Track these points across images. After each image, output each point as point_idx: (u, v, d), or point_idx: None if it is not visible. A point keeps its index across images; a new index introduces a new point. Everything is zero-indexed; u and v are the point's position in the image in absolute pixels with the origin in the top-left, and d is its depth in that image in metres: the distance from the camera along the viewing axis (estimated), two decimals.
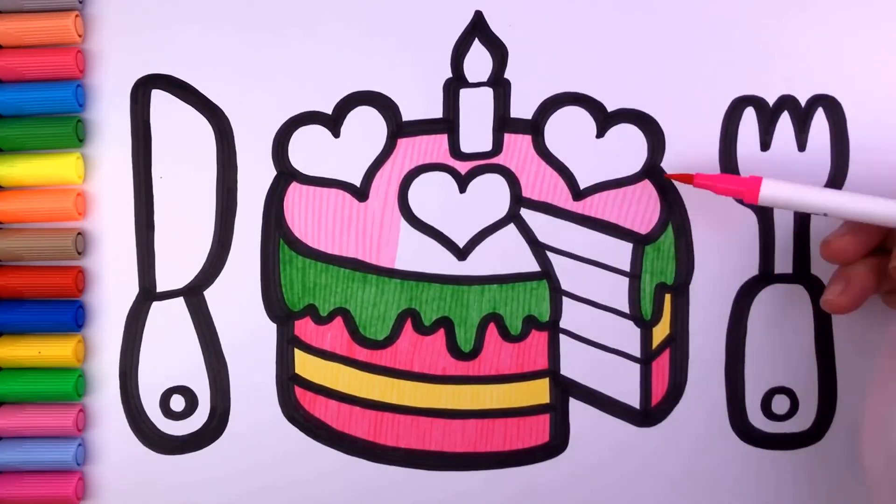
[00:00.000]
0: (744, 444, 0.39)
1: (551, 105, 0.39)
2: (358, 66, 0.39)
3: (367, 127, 0.39)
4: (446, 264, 0.39)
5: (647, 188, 0.39)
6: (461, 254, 0.39)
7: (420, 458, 0.40)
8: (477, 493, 0.40)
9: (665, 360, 0.39)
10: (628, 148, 0.39)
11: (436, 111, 0.39)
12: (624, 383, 0.39)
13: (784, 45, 0.39)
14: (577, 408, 0.40)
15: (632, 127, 0.39)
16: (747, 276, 0.39)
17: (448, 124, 0.39)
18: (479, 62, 0.39)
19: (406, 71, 0.39)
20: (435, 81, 0.39)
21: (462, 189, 0.39)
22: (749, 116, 0.39)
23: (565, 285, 0.39)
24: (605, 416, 0.40)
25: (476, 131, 0.39)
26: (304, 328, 0.40)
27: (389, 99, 0.39)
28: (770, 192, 0.35)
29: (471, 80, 0.39)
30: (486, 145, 0.39)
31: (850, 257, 0.35)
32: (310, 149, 0.40)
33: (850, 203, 0.34)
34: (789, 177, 0.37)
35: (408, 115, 0.39)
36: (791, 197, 0.35)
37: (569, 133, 0.39)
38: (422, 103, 0.39)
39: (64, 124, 0.39)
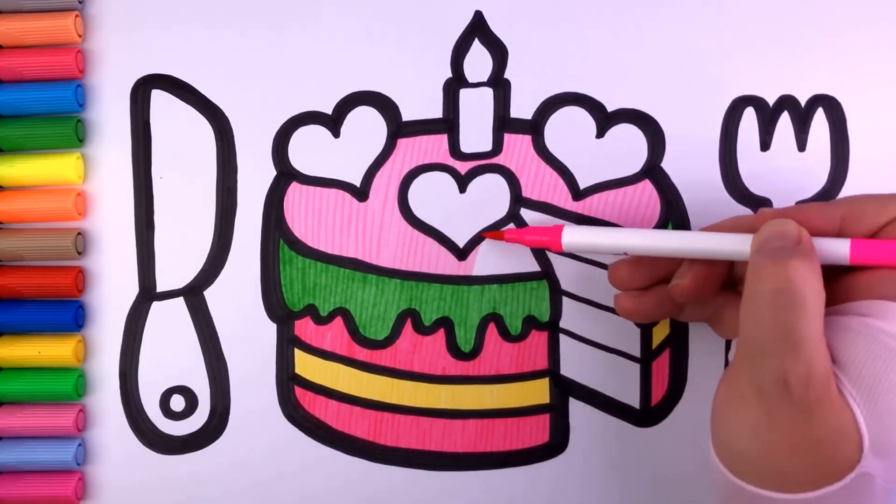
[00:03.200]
0: None
1: (551, 105, 0.39)
2: (358, 66, 0.39)
3: (367, 127, 0.39)
4: (446, 264, 0.39)
5: (647, 188, 0.39)
6: (461, 254, 0.39)
7: (420, 458, 0.40)
8: (477, 492, 0.40)
9: (665, 360, 0.39)
10: (628, 148, 0.39)
11: (436, 111, 0.39)
12: (624, 383, 0.39)
13: (784, 45, 0.39)
14: (577, 408, 0.40)
15: (632, 127, 0.39)
16: None
17: (448, 124, 0.39)
18: (479, 62, 0.39)
19: (406, 71, 0.39)
20: (435, 81, 0.39)
21: (462, 189, 0.39)
22: (749, 116, 0.39)
23: (565, 285, 0.39)
24: (605, 416, 0.40)
25: (476, 131, 0.39)
26: (304, 328, 0.40)
27: (389, 99, 0.39)
28: (571, 238, 0.36)
29: (471, 80, 0.39)
30: (486, 145, 0.39)
31: (627, 283, 0.36)
32: (310, 149, 0.40)
33: (644, 240, 0.35)
34: (789, 176, 0.37)
35: (408, 115, 0.39)
36: (589, 240, 0.36)
37: (569, 133, 0.39)
38: (422, 103, 0.39)
39: (64, 124, 0.39)
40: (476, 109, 0.39)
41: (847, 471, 0.28)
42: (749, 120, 0.39)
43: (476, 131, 0.39)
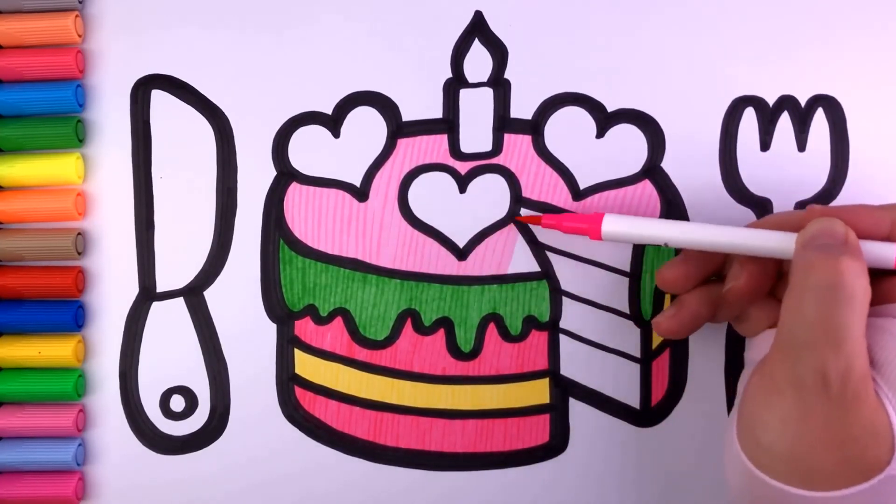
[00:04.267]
0: None
1: (551, 105, 0.39)
2: (358, 66, 0.39)
3: (367, 127, 0.39)
4: (446, 264, 0.39)
5: (647, 188, 0.39)
6: (461, 254, 0.39)
7: (420, 458, 0.40)
8: (477, 493, 0.40)
9: (665, 360, 0.39)
10: (628, 148, 0.39)
11: (436, 111, 0.39)
12: (624, 383, 0.39)
13: (784, 45, 0.39)
14: (577, 408, 0.40)
15: (632, 127, 0.39)
16: None
17: (448, 124, 0.39)
18: (479, 62, 0.39)
19: (406, 71, 0.39)
20: (435, 81, 0.39)
21: (462, 189, 0.39)
22: (749, 116, 0.39)
23: (565, 285, 0.39)
24: (605, 416, 0.40)
25: (476, 131, 0.39)
26: (304, 328, 0.40)
27: (389, 99, 0.39)
28: (611, 227, 0.36)
29: (471, 80, 0.39)
30: (486, 145, 0.39)
31: (683, 286, 0.36)
32: (310, 149, 0.40)
33: (688, 232, 0.35)
34: (790, 176, 0.37)
35: (408, 115, 0.39)
36: (631, 230, 0.36)
37: (569, 133, 0.39)
38: (422, 103, 0.39)
39: (64, 124, 0.39)
40: (476, 109, 0.39)
41: (876, 472, 0.28)
42: (749, 120, 0.39)
43: (476, 131, 0.39)
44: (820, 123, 0.39)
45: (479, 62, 0.39)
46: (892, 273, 0.31)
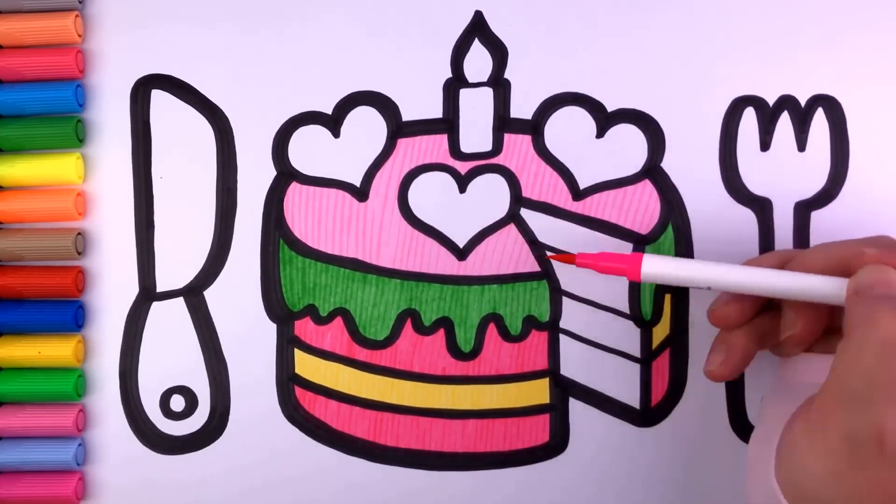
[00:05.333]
0: (744, 444, 0.39)
1: (551, 105, 0.39)
2: (358, 66, 0.39)
3: (367, 127, 0.39)
4: (446, 264, 0.39)
5: (647, 188, 0.39)
6: (461, 254, 0.39)
7: (420, 458, 0.40)
8: (477, 493, 0.40)
9: (665, 360, 0.39)
10: (628, 148, 0.39)
11: (436, 111, 0.39)
12: (624, 383, 0.39)
13: (784, 45, 0.39)
14: (577, 408, 0.40)
15: (632, 127, 0.39)
16: None
17: (448, 124, 0.39)
18: (479, 62, 0.39)
19: (406, 71, 0.39)
20: (435, 81, 0.39)
21: (462, 189, 0.39)
22: (749, 116, 0.39)
23: (565, 285, 0.39)
24: (605, 416, 0.40)
25: (476, 131, 0.39)
26: (304, 328, 0.40)
27: (389, 99, 0.39)
28: (651, 268, 0.35)
29: (471, 80, 0.39)
30: (486, 145, 0.39)
31: (735, 323, 0.35)
32: (310, 149, 0.40)
33: (731, 276, 0.34)
34: (789, 176, 0.37)
35: (408, 115, 0.39)
36: (671, 272, 0.35)
37: (569, 133, 0.39)
38: (422, 103, 0.39)
39: (64, 124, 0.39)
40: (476, 109, 0.39)
41: None
42: (749, 120, 0.39)
43: (476, 131, 0.39)
44: (820, 123, 0.39)
45: (479, 62, 0.39)
46: None
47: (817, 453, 0.29)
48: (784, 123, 0.39)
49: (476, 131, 0.39)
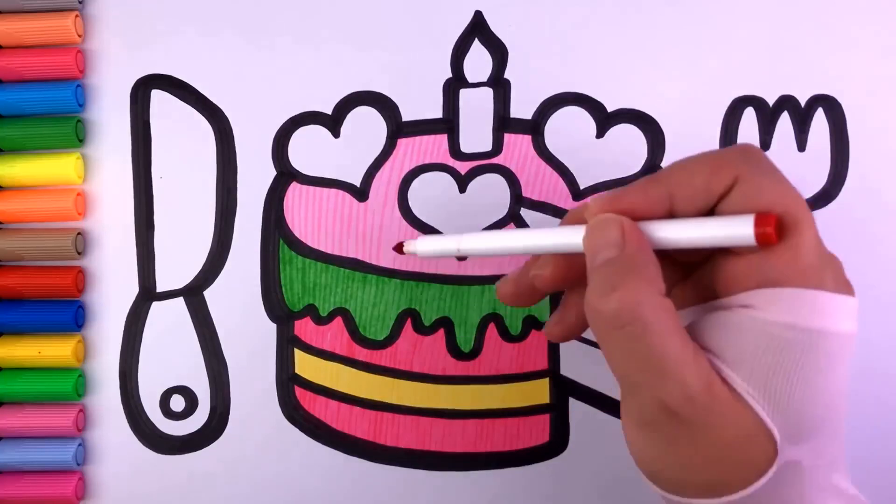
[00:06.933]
0: None
1: (551, 105, 0.39)
2: (358, 66, 0.39)
3: (367, 127, 0.39)
4: (446, 264, 0.39)
5: None
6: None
7: (420, 458, 0.40)
8: (477, 493, 0.40)
9: None
10: (628, 148, 0.39)
11: (436, 111, 0.39)
12: None
13: (784, 45, 0.39)
14: (577, 408, 0.40)
15: (632, 127, 0.39)
16: None
17: (448, 124, 0.39)
18: (479, 62, 0.39)
19: (406, 71, 0.39)
20: (435, 81, 0.39)
21: (462, 189, 0.39)
22: (749, 116, 0.39)
23: None
24: (605, 416, 0.40)
25: (476, 131, 0.39)
26: (304, 328, 0.40)
27: (389, 99, 0.39)
28: (413, 247, 0.32)
29: (471, 80, 0.39)
30: (486, 145, 0.39)
31: (514, 297, 0.33)
32: (310, 149, 0.40)
33: (478, 242, 0.31)
34: (790, 176, 0.37)
35: (408, 115, 0.39)
36: (434, 247, 0.32)
37: (569, 133, 0.39)
38: (422, 103, 0.39)
39: (64, 124, 0.39)
40: (476, 109, 0.39)
41: (766, 466, 0.27)
42: (749, 120, 0.39)
43: (476, 131, 0.39)
44: (820, 123, 0.39)
45: (479, 62, 0.39)
46: (723, 258, 0.29)
47: (640, 441, 0.29)
48: (784, 123, 0.39)
49: (476, 131, 0.39)
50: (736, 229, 0.27)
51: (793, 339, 0.27)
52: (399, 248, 0.34)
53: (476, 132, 0.39)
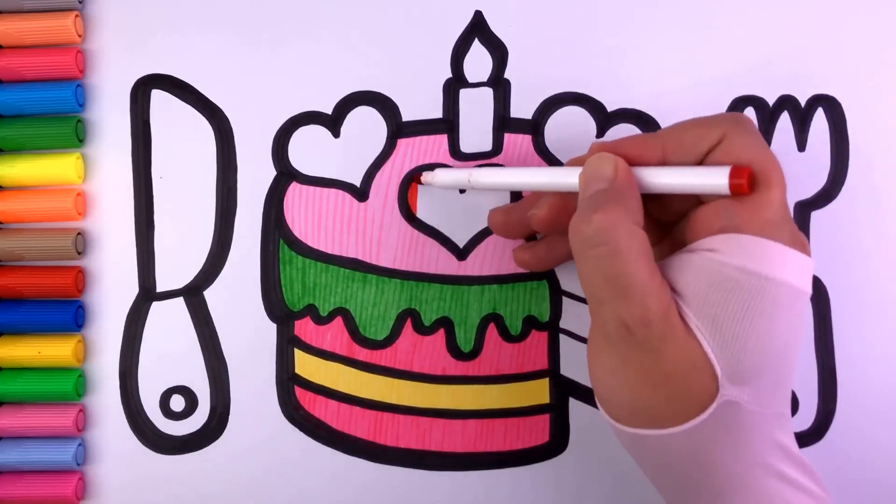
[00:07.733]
0: None
1: (551, 105, 0.39)
2: (358, 67, 0.39)
3: (367, 127, 0.39)
4: (446, 264, 0.39)
5: None
6: (461, 254, 0.39)
7: (420, 458, 0.40)
8: (477, 493, 0.40)
9: None
10: None
11: (436, 111, 0.39)
12: None
13: (784, 45, 0.39)
14: (577, 408, 0.40)
15: (632, 127, 0.39)
16: None
17: (448, 124, 0.39)
18: (479, 62, 0.39)
19: (406, 71, 0.39)
20: (435, 81, 0.39)
21: (462, 189, 0.39)
22: (749, 116, 0.39)
23: (565, 285, 0.39)
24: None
25: (476, 131, 0.39)
26: (304, 328, 0.40)
27: (389, 99, 0.39)
28: (430, 177, 0.38)
29: (471, 80, 0.39)
30: (487, 145, 0.39)
31: (504, 228, 0.38)
32: (310, 149, 0.40)
33: (487, 177, 0.36)
34: (789, 176, 0.37)
35: (408, 115, 0.39)
36: (442, 179, 0.38)
37: (569, 133, 0.39)
38: (422, 103, 0.39)
39: (64, 124, 0.39)
40: (476, 109, 0.39)
41: (708, 402, 0.29)
42: None
43: (476, 131, 0.39)
44: (820, 123, 0.39)
45: (479, 62, 0.39)
46: (700, 206, 0.31)
47: (598, 360, 0.31)
48: (784, 123, 0.39)
49: (476, 131, 0.39)
50: (713, 178, 0.30)
51: (743, 282, 0.29)
52: (417, 178, 0.39)
53: (476, 132, 0.39)
